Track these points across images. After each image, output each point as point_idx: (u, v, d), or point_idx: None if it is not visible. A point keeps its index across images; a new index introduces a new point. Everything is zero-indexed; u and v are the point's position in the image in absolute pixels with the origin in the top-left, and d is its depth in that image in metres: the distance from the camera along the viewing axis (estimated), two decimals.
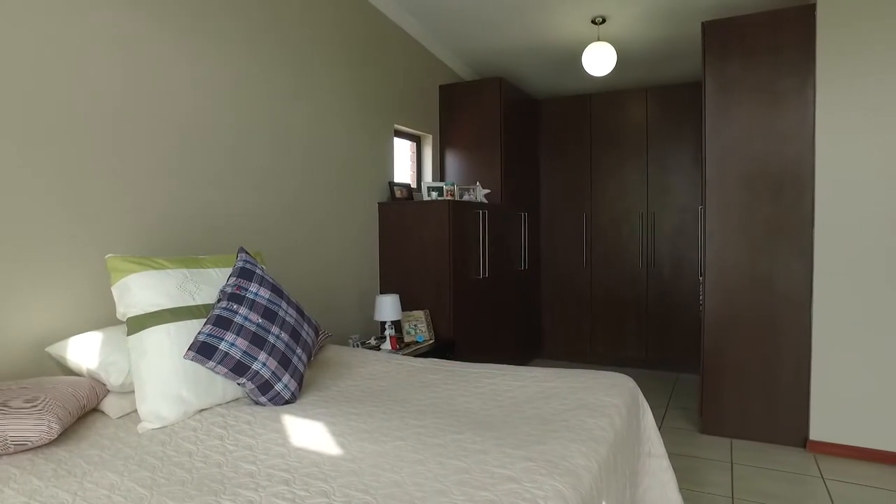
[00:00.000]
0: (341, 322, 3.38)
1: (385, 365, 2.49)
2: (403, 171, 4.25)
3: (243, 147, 2.70)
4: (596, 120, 4.86)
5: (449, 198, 3.77)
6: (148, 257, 1.87)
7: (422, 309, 3.57)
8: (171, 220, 2.34)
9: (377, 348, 3.23)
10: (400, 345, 3.33)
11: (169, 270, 1.85)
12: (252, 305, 1.84)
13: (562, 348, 5.07)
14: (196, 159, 2.46)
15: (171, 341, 1.72)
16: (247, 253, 2.03)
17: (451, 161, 4.44)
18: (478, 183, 4.20)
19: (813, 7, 2.94)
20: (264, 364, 1.77)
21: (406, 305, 3.62)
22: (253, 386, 1.77)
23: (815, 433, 3.02)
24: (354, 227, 3.50)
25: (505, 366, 2.44)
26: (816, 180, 2.96)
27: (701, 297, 3.69)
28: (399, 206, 3.69)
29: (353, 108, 3.46)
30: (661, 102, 4.62)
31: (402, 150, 4.23)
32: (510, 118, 4.40)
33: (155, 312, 1.74)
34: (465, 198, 4.02)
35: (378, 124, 3.71)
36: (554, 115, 5.02)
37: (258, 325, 1.81)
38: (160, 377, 1.67)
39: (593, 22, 3.78)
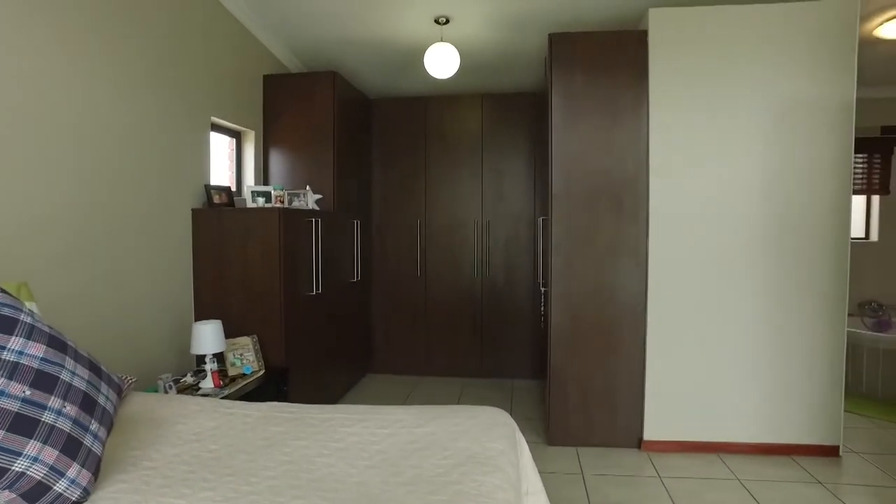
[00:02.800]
0: (147, 359, 2.72)
1: (213, 417, 1.99)
2: (221, 172, 3.64)
3: None
4: (431, 124, 4.72)
5: (278, 204, 3.29)
6: None
7: (248, 335, 3.05)
8: None
9: (196, 387, 2.64)
10: (224, 380, 2.78)
11: None
12: (14, 372, 1.26)
13: (396, 362, 4.85)
14: None
15: None
16: (2, 291, 1.40)
17: (277, 162, 3.93)
18: (308, 187, 3.77)
19: (646, 33, 3.10)
20: (36, 458, 1.21)
21: (229, 332, 3.06)
22: (15, 495, 1.19)
23: (648, 433, 3.20)
24: (161, 239, 2.85)
25: (361, 407, 2.11)
26: (650, 195, 3.14)
27: (543, 308, 3.74)
28: (218, 213, 3.11)
29: (158, 93, 2.80)
30: (497, 110, 4.64)
31: (220, 148, 3.61)
32: (344, 117, 4.04)
33: None
34: (295, 204, 3.56)
35: (191, 115, 3.08)
36: (387, 116, 4.76)
37: (25, 400, 1.24)
38: None
39: (437, 22, 3.61)
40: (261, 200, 3.22)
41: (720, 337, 3.14)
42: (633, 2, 3.27)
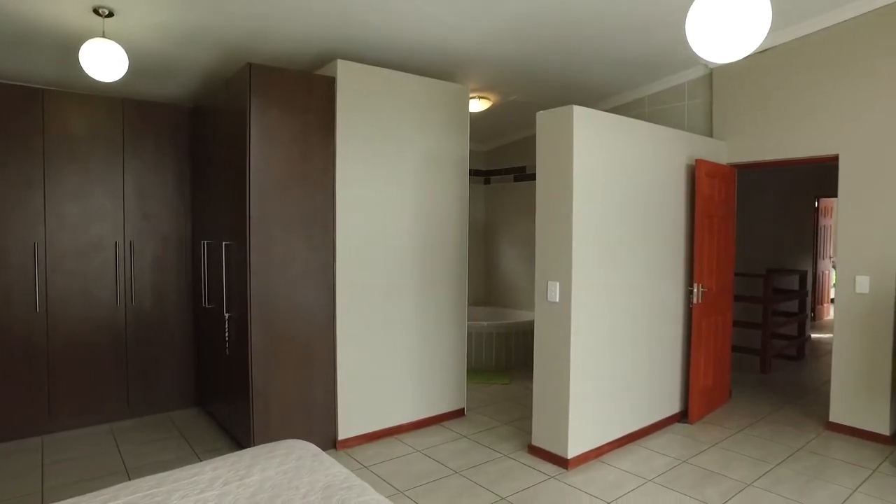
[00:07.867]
0: None
1: None
2: None
3: None
4: (52, 125, 3.83)
5: None
6: None
7: None
8: None
9: None
10: None
11: None
12: None
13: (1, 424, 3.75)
14: None
15: None
16: None
17: None
18: None
19: (335, 80, 3.50)
20: None
21: None
22: None
23: (341, 433, 3.64)
24: None
25: (150, 478, 1.84)
26: (336, 225, 3.55)
27: (227, 334, 3.68)
28: None
29: None
30: (142, 119, 4.13)
31: None
32: None
33: None
34: None
35: None
36: None
37: None
38: None
39: (97, 12, 3.07)
40: None
41: (388, 341, 3.83)
42: (313, 47, 3.61)
